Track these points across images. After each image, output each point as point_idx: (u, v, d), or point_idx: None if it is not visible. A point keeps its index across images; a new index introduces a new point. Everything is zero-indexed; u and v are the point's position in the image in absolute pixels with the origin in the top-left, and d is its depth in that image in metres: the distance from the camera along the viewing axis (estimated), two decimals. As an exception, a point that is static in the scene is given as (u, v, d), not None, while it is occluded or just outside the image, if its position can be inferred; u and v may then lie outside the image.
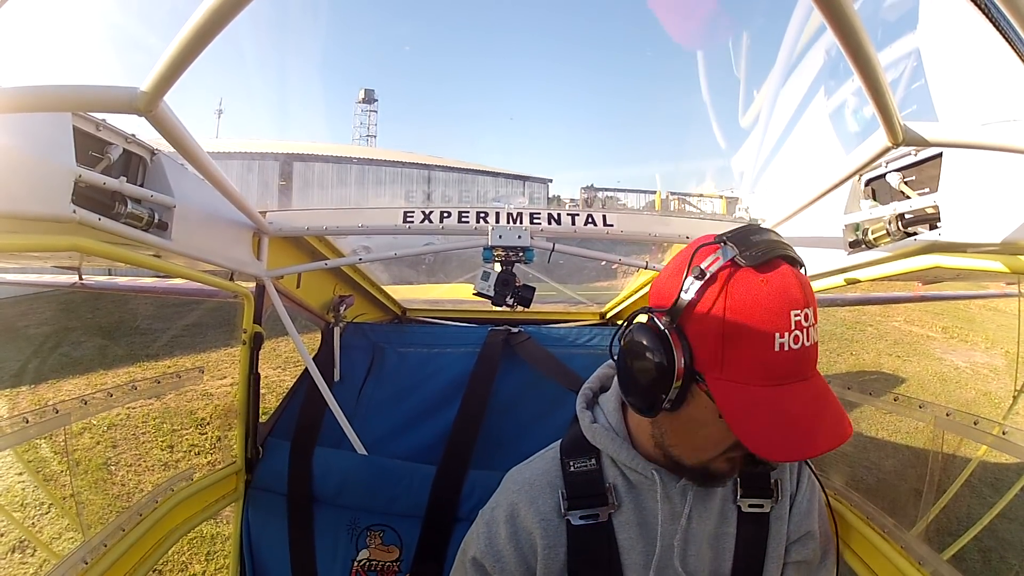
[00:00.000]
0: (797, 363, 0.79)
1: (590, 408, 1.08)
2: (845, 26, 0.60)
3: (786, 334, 0.77)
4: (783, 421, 0.78)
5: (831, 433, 0.78)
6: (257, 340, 1.88)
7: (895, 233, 1.13)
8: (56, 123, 1.00)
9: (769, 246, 0.82)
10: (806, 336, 0.79)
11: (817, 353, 0.83)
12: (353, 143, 38.49)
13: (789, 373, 0.79)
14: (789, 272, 0.81)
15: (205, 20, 0.68)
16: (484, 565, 1.02)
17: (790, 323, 0.78)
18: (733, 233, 0.85)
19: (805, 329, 0.79)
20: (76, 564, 1.28)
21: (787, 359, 0.78)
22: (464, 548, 1.09)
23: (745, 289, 0.80)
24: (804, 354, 0.79)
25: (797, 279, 0.80)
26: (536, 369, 2.04)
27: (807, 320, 0.79)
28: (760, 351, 0.78)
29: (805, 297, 0.80)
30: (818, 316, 0.83)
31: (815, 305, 0.82)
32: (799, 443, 0.78)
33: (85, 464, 4.68)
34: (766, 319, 0.78)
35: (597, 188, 34.74)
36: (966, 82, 0.91)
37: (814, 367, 0.82)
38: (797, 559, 1.04)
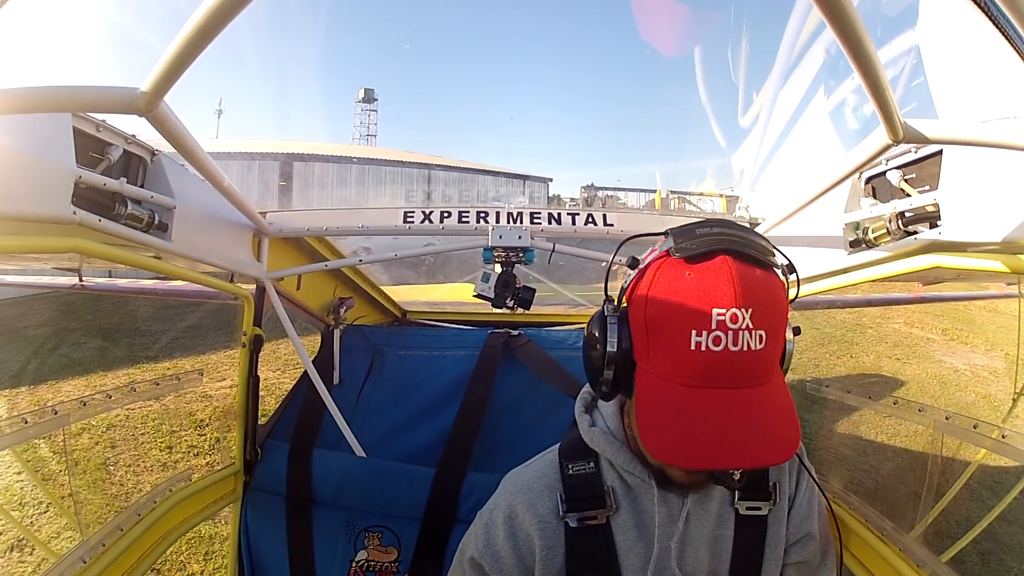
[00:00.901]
0: (719, 367, 0.74)
1: (589, 412, 1.08)
2: (845, 23, 0.60)
3: (704, 333, 0.73)
4: (685, 425, 0.75)
5: (741, 452, 0.73)
6: (257, 343, 1.88)
7: (895, 232, 1.13)
8: (56, 124, 1.00)
9: (712, 240, 0.78)
10: (732, 339, 0.73)
11: (760, 363, 0.76)
12: (353, 142, 38.50)
13: (707, 376, 0.75)
14: (726, 267, 0.75)
15: (205, 20, 0.68)
16: (482, 565, 1.02)
17: (710, 322, 0.73)
18: (684, 226, 0.83)
19: (730, 332, 0.73)
20: (75, 563, 1.28)
21: (704, 360, 0.74)
22: (462, 548, 1.09)
23: (668, 281, 0.78)
24: (729, 359, 0.73)
25: (733, 275, 0.75)
26: (535, 372, 2.04)
27: (735, 322, 0.73)
28: (675, 347, 0.76)
29: (739, 296, 0.73)
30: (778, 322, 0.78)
31: (763, 307, 0.75)
32: (697, 452, 0.74)
33: (84, 464, 4.68)
34: (683, 314, 0.75)
35: (597, 187, 34.75)
36: (966, 79, 0.91)
37: (753, 377, 0.76)
38: (797, 560, 1.04)
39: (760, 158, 1.91)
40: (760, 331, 0.74)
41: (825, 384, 1.81)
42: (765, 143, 1.89)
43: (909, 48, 1.05)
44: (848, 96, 1.56)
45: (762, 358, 0.75)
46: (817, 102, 1.65)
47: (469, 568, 1.04)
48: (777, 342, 0.78)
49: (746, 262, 0.77)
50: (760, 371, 0.76)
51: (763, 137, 1.90)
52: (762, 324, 0.74)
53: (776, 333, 0.77)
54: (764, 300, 0.75)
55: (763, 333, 0.74)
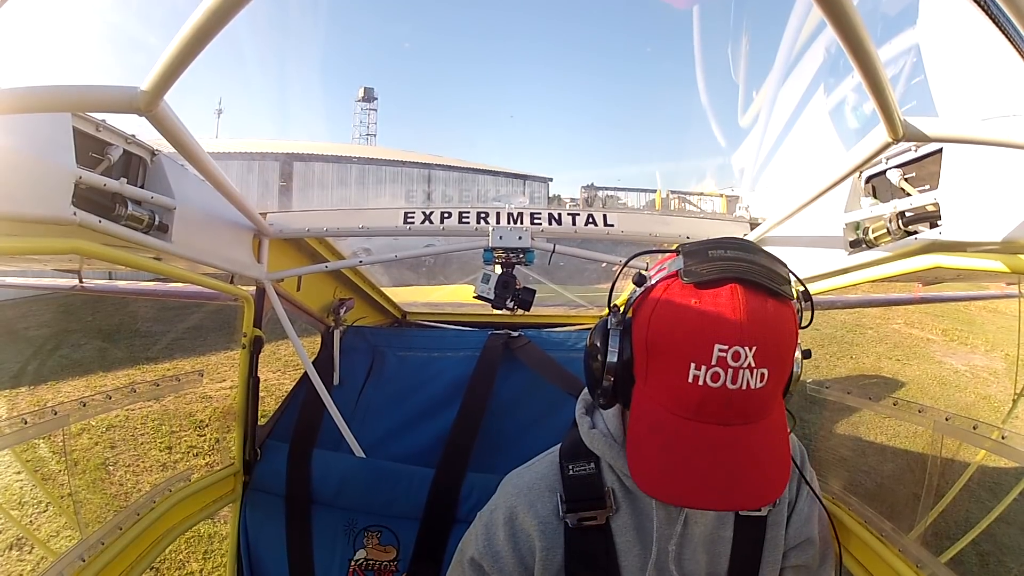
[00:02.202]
0: (713, 403, 0.72)
1: (589, 414, 1.08)
2: (844, 22, 0.60)
3: (703, 367, 0.71)
4: (671, 458, 0.74)
5: (723, 494, 0.72)
6: (257, 344, 1.88)
7: (896, 232, 1.13)
8: (56, 124, 1.00)
9: (724, 266, 0.75)
10: (732, 378, 0.71)
11: (757, 401, 0.73)
12: (353, 142, 38.58)
13: (700, 411, 0.73)
14: (734, 299, 0.72)
15: (205, 19, 0.68)
16: (482, 566, 1.02)
17: (711, 357, 0.71)
18: (698, 244, 0.81)
19: (733, 369, 0.70)
20: (74, 561, 1.28)
21: (699, 395, 0.72)
22: (462, 548, 1.09)
23: (673, 306, 0.76)
24: (725, 396, 0.71)
25: (741, 308, 0.72)
26: (536, 373, 2.04)
27: (737, 360, 0.70)
28: (672, 376, 0.75)
29: (744, 333, 0.71)
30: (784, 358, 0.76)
31: (769, 345, 0.72)
32: (678, 488, 0.73)
33: (83, 464, 4.68)
34: (684, 344, 0.73)
35: (597, 187, 34.77)
36: (966, 77, 0.91)
37: (747, 416, 0.74)
38: (796, 563, 1.04)
39: (760, 158, 1.91)
40: (763, 369, 0.72)
41: (825, 385, 1.81)
42: (765, 143, 1.89)
43: (909, 46, 1.05)
44: (848, 94, 1.56)
45: (760, 396, 0.73)
46: (817, 101, 1.65)
47: (469, 568, 1.04)
48: (780, 378, 0.77)
49: (757, 291, 0.74)
50: (755, 410, 0.74)
51: (763, 136, 1.89)
52: (766, 362, 0.72)
53: (780, 370, 0.76)
54: (771, 337, 0.73)
55: (765, 371, 0.72)
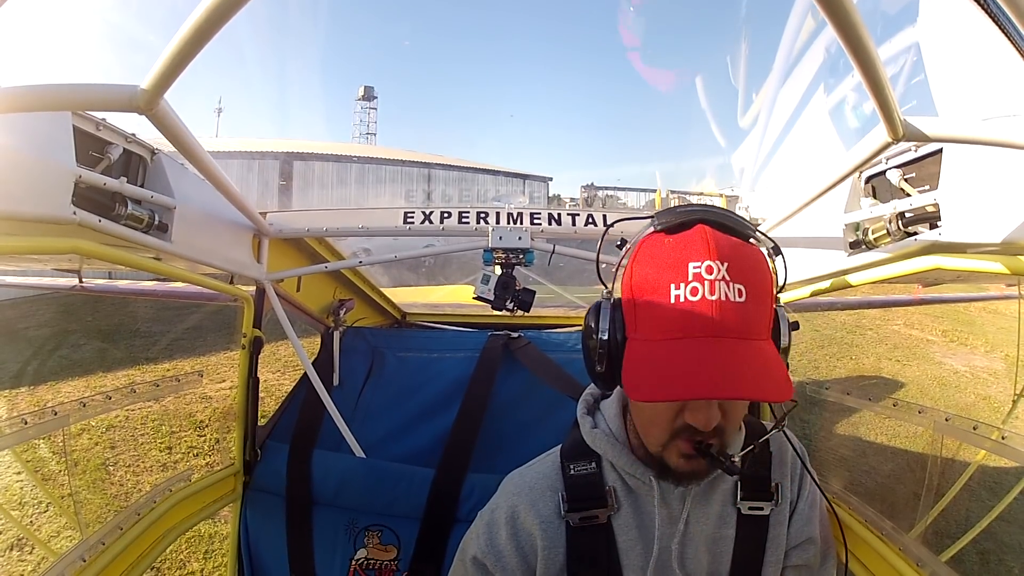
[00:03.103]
0: (697, 316, 0.76)
1: (591, 414, 1.08)
2: (844, 21, 0.60)
3: (682, 285, 0.77)
4: (663, 368, 0.77)
5: (716, 382, 0.73)
6: (257, 344, 1.88)
7: (895, 233, 1.13)
8: (56, 122, 1.00)
9: (689, 212, 0.84)
10: (708, 289, 0.75)
11: (741, 314, 0.76)
12: (353, 141, 38.61)
13: (687, 326, 0.77)
14: (701, 232, 0.80)
15: (205, 17, 0.68)
16: (485, 564, 1.02)
17: (687, 274, 0.77)
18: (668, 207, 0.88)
19: (707, 282, 0.76)
20: (74, 561, 1.28)
21: (683, 311, 0.77)
22: (464, 548, 1.09)
23: (649, 249, 0.84)
24: (707, 307, 0.76)
25: (707, 236, 0.79)
26: (536, 374, 2.04)
27: (711, 273, 0.76)
28: (656, 305, 0.80)
29: (713, 251, 0.77)
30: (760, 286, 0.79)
31: (736, 259, 0.78)
32: (671, 385, 0.75)
33: (83, 464, 4.68)
34: (662, 271, 0.80)
35: (597, 187, 34.82)
36: (966, 77, 0.91)
37: (734, 329, 0.76)
38: (797, 563, 1.03)
39: (760, 157, 1.91)
40: (738, 285, 0.76)
41: (825, 386, 1.81)
42: (765, 142, 1.89)
43: (909, 46, 1.05)
44: (848, 94, 1.56)
45: (744, 311, 0.76)
46: (817, 100, 1.65)
47: (472, 567, 1.04)
48: (761, 306, 0.79)
49: (723, 230, 0.82)
50: (742, 325, 0.77)
51: (763, 136, 1.89)
52: (740, 279, 0.76)
53: (758, 295, 0.78)
54: (740, 257, 0.78)
55: (742, 287, 0.76)
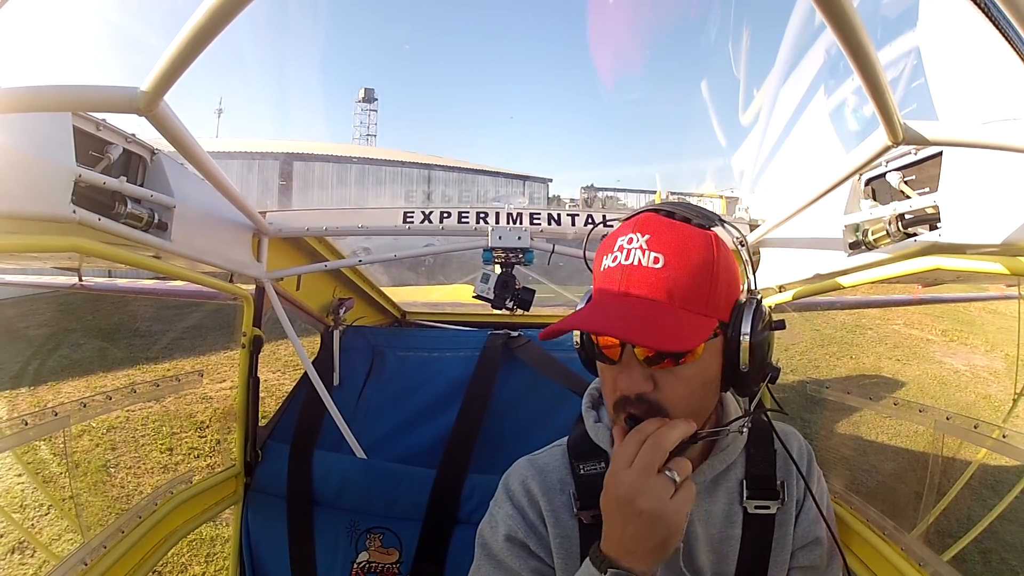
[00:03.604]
0: (612, 277, 0.83)
1: (595, 408, 1.08)
2: (844, 24, 0.60)
3: (608, 255, 0.85)
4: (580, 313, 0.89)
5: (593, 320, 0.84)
6: (257, 343, 1.88)
7: (895, 234, 1.13)
8: (56, 123, 1.00)
9: (646, 207, 0.91)
10: (624, 256, 0.82)
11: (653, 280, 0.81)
12: (353, 142, 38.59)
13: (606, 287, 0.84)
14: (640, 217, 0.87)
15: (205, 20, 0.68)
16: (522, 540, 0.98)
17: (614, 247, 0.84)
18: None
19: (626, 250, 0.83)
20: (76, 565, 1.28)
21: (606, 275, 0.84)
22: (486, 536, 1.02)
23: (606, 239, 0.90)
24: (620, 270, 0.82)
25: (640, 217, 0.86)
26: (537, 371, 2.04)
27: (631, 243, 0.83)
28: (596, 275, 0.88)
29: (635, 227, 0.84)
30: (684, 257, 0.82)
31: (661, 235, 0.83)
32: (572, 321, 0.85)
33: (84, 466, 4.68)
34: (602, 249, 0.88)
35: (597, 188, 34.83)
36: (966, 81, 0.91)
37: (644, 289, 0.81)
38: (804, 564, 1.03)
39: (760, 159, 1.91)
40: (655, 253, 0.81)
41: (825, 385, 1.81)
42: (765, 144, 1.89)
43: (909, 49, 1.05)
44: (848, 97, 1.56)
45: (656, 277, 0.80)
46: (817, 103, 1.65)
47: (507, 546, 0.98)
48: (686, 277, 0.81)
49: (663, 216, 0.86)
50: (654, 288, 0.80)
51: (763, 138, 1.90)
52: (659, 249, 0.81)
53: (682, 266, 0.81)
54: (666, 232, 0.83)
55: (660, 256, 0.81)
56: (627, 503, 0.75)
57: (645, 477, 0.75)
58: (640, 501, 0.74)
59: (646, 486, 0.75)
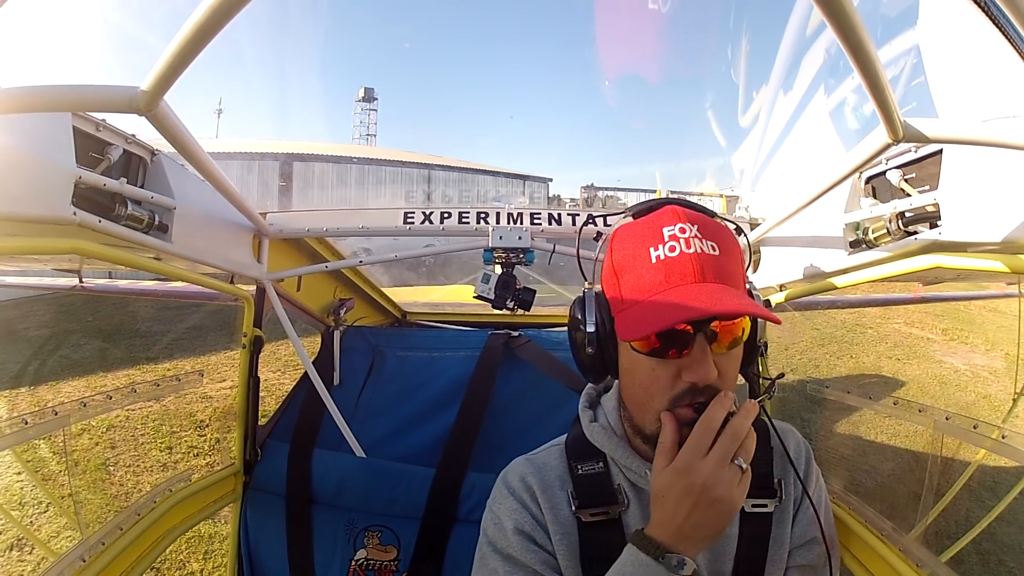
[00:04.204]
0: (679, 266, 0.82)
1: (592, 407, 1.08)
2: (845, 22, 0.60)
3: (660, 246, 0.83)
4: (651, 309, 0.82)
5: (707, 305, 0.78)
6: (257, 344, 1.88)
7: (895, 232, 1.13)
8: (56, 123, 1.00)
9: (657, 201, 0.92)
10: (684, 244, 0.82)
11: (719, 265, 0.83)
12: (353, 142, 38.62)
13: (670, 277, 0.82)
14: (667, 209, 0.88)
15: (205, 19, 0.68)
16: (525, 531, 0.98)
17: (662, 237, 0.84)
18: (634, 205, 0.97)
19: (682, 239, 0.83)
20: (74, 562, 1.28)
21: (665, 266, 0.82)
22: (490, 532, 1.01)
23: (626, 230, 0.91)
24: (685, 259, 0.82)
25: (673, 211, 0.87)
26: (538, 371, 2.04)
27: (684, 232, 0.83)
28: (639, 269, 0.85)
29: (680, 218, 0.85)
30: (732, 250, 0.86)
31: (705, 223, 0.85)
32: (654, 319, 0.80)
33: (84, 465, 4.69)
34: (640, 242, 0.86)
35: (597, 187, 34.85)
36: (966, 78, 0.91)
37: (715, 276, 0.82)
38: (801, 563, 1.03)
39: (760, 158, 1.91)
40: (711, 242, 0.83)
41: (825, 384, 1.81)
42: (765, 143, 1.89)
43: (909, 47, 1.05)
44: (848, 95, 1.56)
45: (720, 263, 0.83)
46: (817, 101, 1.65)
47: (517, 539, 0.97)
48: (735, 264, 0.85)
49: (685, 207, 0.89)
50: (721, 273, 0.82)
51: (763, 137, 1.89)
52: (711, 237, 0.84)
53: (731, 255, 0.85)
54: (707, 222, 0.86)
55: (714, 244, 0.83)
56: (704, 491, 0.76)
57: (721, 467, 0.77)
58: (717, 490, 0.76)
59: (722, 476, 0.76)
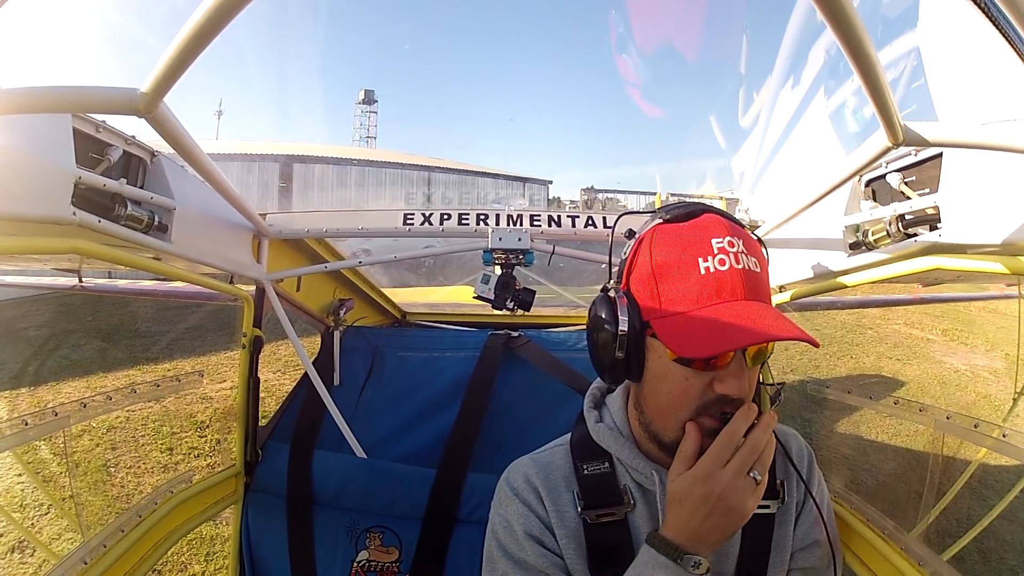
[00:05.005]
0: (730, 281, 0.82)
1: (597, 408, 1.08)
2: (845, 24, 0.60)
3: (709, 258, 0.83)
4: (708, 326, 0.81)
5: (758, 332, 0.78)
6: (257, 344, 1.88)
7: (895, 234, 1.13)
8: (56, 124, 1.00)
9: (693, 205, 0.91)
10: (734, 260, 0.83)
11: (760, 281, 0.85)
12: (353, 144, 38.62)
13: (721, 291, 0.83)
14: (710, 218, 0.88)
15: (205, 20, 0.68)
16: (534, 534, 0.97)
17: (712, 249, 0.83)
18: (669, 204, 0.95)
19: (731, 254, 0.83)
20: (76, 564, 1.27)
21: (716, 279, 0.83)
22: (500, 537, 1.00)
23: (667, 233, 0.89)
24: (735, 275, 0.83)
25: (718, 221, 0.87)
26: (537, 371, 2.04)
27: (732, 247, 0.83)
28: (687, 279, 0.84)
29: (727, 230, 0.85)
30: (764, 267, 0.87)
31: (747, 238, 0.86)
32: (717, 339, 0.80)
33: (85, 466, 4.68)
34: (688, 249, 0.85)
35: (597, 189, 34.87)
36: (966, 81, 0.91)
37: (758, 294, 0.84)
38: (804, 565, 1.03)
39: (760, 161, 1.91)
40: (753, 258, 0.85)
41: (826, 385, 1.81)
42: (765, 145, 1.89)
43: (909, 50, 1.05)
44: (848, 98, 1.56)
45: (760, 280, 0.85)
46: (817, 104, 1.65)
47: (529, 545, 0.97)
48: (767, 279, 0.88)
49: (721, 216, 0.89)
50: (763, 291, 0.85)
51: (763, 139, 1.89)
52: (753, 253, 0.86)
53: (766, 271, 0.88)
54: (747, 237, 0.87)
55: (755, 261, 0.85)
56: (720, 500, 0.80)
57: (738, 477, 0.81)
58: (732, 499, 0.80)
59: (738, 486, 0.81)
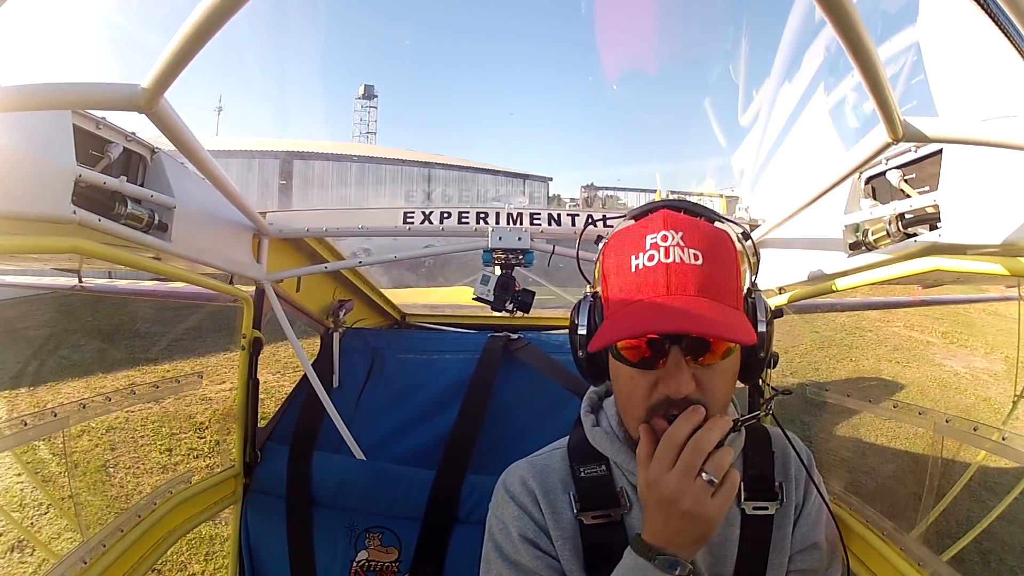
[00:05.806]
0: (653, 277, 0.82)
1: (594, 411, 1.08)
2: (844, 20, 0.60)
3: (640, 255, 0.83)
4: (624, 317, 0.83)
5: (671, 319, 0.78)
6: (256, 345, 1.88)
7: (895, 234, 1.13)
8: (56, 121, 1.00)
9: (653, 204, 0.92)
10: (664, 254, 0.82)
11: (698, 277, 0.81)
12: (353, 140, 38.61)
13: (644, 287, 0.82)
14: (660, 212, 0.87)
15: (205, 17, 0.68)
16: (529, 536, 0.98)
17: (644, 246, 0.83)
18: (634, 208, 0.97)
19: (664, 248, 0.82)
20: (75, 564, 1.28)
21: (641, 276, 0.83)
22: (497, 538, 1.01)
23: (617, 235, 0.90)
24: (662, 269, 0.81)
25: (665, 214, 0.86)
26: (537, 373, 2.04)
27: (666, 240, 0.82)
28: (622, 276, 0.86)
29: (668, 223, 0.84)
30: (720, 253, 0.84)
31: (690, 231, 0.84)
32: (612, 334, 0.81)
33: (84, 466, 4.68)
34: (623, 248, 0.87)
35: (597, 187, 34.88)
36: (966, 77, 0.91)
37: (692, 288, 0.81)
38: (802, 567, 1.03)
39: (760, 158, 1.91)
40: (694, 250, 0.82)
41: (825, 388, 1.81)
42: (765, 143, 1.89)
43: (909, 45, 1.05)
44: (848, 94, 1.56)
45: (701, 272, 0.81)
46: (817, 100, 1.65)
47: (523, 547, 0.97)
48: (723, 272, 0.83)
49: (683, 213, 0.88)
50: (701, 284, 0.81)
51: (763, 137, 1.89)
52: (695, 245, 0.82)
53: (718, 262, 0.83)
54: (695, 228, 0.84)
55: (698, 253, 0.82)
56: (670, 504, 0.78)
57: (686, 481, 0.78)
58: (683, 503, 0.77)
59: (687, 489, 0.77)
